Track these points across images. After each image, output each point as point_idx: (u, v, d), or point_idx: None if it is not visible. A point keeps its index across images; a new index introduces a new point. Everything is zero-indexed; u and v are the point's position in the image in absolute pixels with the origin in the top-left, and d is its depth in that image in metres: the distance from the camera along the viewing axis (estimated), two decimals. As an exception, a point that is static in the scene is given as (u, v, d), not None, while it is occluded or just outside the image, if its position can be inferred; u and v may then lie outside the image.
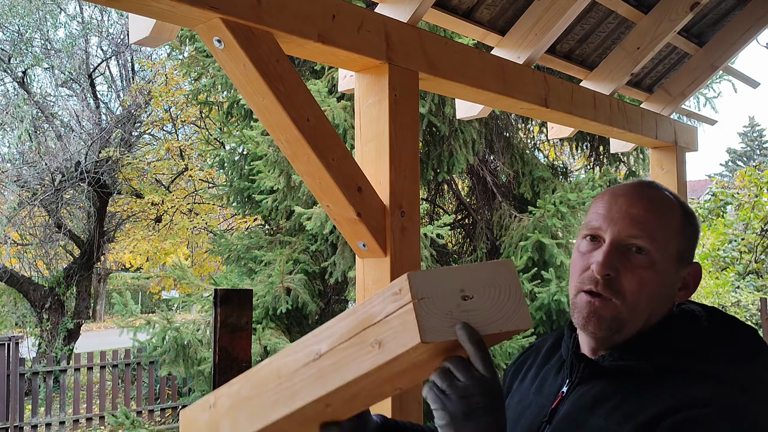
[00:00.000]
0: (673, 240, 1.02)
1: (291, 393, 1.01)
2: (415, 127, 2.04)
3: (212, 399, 1.14)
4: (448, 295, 0.90)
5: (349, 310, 0.98)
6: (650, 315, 1.01)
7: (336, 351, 0.97)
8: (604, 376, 1.00)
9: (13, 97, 11.73)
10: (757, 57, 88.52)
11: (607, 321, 1.00)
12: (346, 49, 1.84)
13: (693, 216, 1.07)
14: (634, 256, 1.00)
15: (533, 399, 1.10)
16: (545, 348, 1.19)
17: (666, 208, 1.03)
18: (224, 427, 1.10)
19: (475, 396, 0.91)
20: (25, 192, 11.76)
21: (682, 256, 1.03)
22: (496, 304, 0.92)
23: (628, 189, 1.05)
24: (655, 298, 1.01)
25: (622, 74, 3.17)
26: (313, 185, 1.84)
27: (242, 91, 1.69)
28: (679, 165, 3.69)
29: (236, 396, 1.09)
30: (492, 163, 6.82)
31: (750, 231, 9.92)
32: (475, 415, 0.90)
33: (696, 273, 1.05)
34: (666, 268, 1.01)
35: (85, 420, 8.97)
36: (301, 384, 1.00)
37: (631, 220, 1.01)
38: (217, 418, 1.12)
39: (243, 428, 1.07)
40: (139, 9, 1.54)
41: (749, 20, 3.55)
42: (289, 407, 1.01)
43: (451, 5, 2.43)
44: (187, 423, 1.19)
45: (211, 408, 1.14)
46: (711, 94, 8.18)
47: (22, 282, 11.86)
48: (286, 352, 1.04)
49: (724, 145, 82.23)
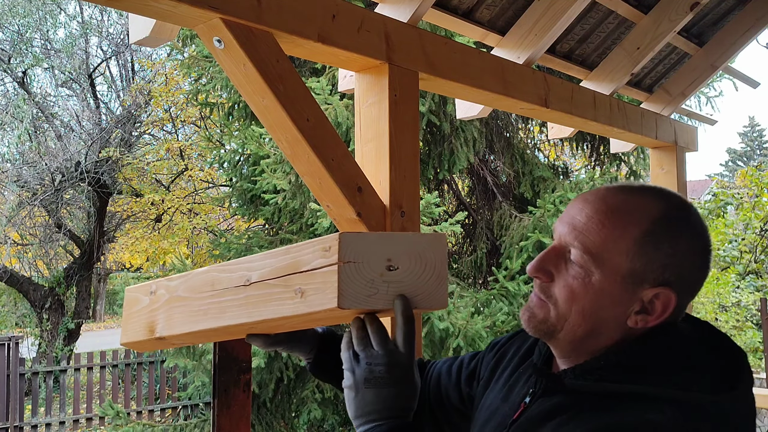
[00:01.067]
0: (622, 256, 0.88)
1: (220, 309, 1.05)
2: (415, 127, 2.04)
3: (154, 286, 1.19)
4: (375, 263, 0.91)
5: (284, 249, 0.98)
6: (594, 332, 0.91)
7: (264, 284, 0.99)
8: (564, 391, 0.94)
9: (13, 97, 11.73)
10: (757, 57, 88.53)
11: (536, 320, 0.95)
12: (346, 49, 1.84)
13: (672, 234, 0.89)
14: (570, 265, 0.92)
15: (499, 406, 1.06)
16: (525, 347, 1.13)
17: (622, 219, 0.90)
18: (160, 318, 1.15)
19: (380, 366, 0.93)
20: (25, 192, 11.76)
21: (637, 276, 0.89)
22: (419, 279, 0.93)
23: (594, 192, 0.95)
24: (591, 315, 0.90)
25: (622, 74, 3.17)
26: (313, 185, 1.84)
27: (242, 91, 1.69)
28: (679, 165, 3.69)
29: (173, 293, 1.14)
30: (492, 162, 6.82)
31: (750, 231, 9.92)
32: (376, 382, 0.93)
33: (666, 300, 0.89)
34: (607, 285, 0.89)
35: (85, 420, 8.97)
36: (228, 304, 1.03)
37: (573, 227, 0.92)
38: (155, 307, 1.17)
39: (175, 327, 1.12)
40: (139, 9, 1.54)
41: (749, 20, 3.55)
42: (216, 322, 1.05)
43: (451, 5, 2.43)
44: (129, 300, 1.24)
45: (151, 294, 1.19)
46: (712, 93, 8.19)
47: (22, 282, 11.87)
48: (223, 268, 1.07)
49: (724, 145, 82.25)
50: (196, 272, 1.12)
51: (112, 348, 10.77)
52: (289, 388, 5.61)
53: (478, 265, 6.47)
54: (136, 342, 1.22)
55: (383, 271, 0.91)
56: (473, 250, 6.58)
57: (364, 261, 0.90)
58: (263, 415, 5.66)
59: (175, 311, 1.13)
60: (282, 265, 0.97)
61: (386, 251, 0.91)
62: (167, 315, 1.14)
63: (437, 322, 4.77)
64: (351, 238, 0.89)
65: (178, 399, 9.22)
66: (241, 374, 1.31)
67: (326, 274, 0.90)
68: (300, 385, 5.59)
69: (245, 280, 1.02)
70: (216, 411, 1.29)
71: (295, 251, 0.96)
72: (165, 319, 1.14)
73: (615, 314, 0.91)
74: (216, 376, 1.28)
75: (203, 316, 1.07)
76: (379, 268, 0.90)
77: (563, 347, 0.96)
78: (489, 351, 1.22)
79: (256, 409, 5.60)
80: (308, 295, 0.92)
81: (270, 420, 5.70)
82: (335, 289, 0.88)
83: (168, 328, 1.14)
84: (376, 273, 0.90)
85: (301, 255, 0.95)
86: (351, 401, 0.95)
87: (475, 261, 6.46)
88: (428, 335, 4.85)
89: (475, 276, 6.64)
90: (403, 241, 0.92)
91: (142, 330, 1.19)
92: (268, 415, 5.68)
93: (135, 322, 1.22)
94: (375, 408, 0.93)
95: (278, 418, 5.77)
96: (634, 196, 0.92)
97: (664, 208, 0.91)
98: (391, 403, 0.93)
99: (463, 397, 1.24)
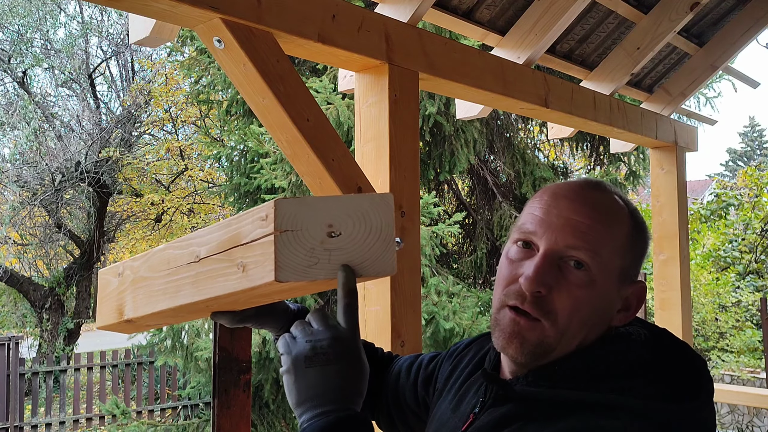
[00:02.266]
0: (618, 256, 0.86)
1: (175, 288, 1.01)
2: (415, 127, 2.04)
3: (121, 268, 1.16)
4: (315, 230, 0.84)
5: (227, 221, 0.94)
6: (584, 339, 0.87)
7: (210, 260, 0.95)
8: (515, 399, 0.87)
9: (14, 98, 11.74)
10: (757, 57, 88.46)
11: (531, 345, 0.85)
12: (346, 49, 1.84)
13: (643, 229, 0.90)
14: (572, 271, 0.84)
15: (449, 417, 1.00)
16: (480, 355, 1.06)
17: (614, 217, 0.88)
18: (128, 299, 1.12)
19: (322, 341, 0.83)
20: (26, 192, 11.76)
21: (626, 274, 0.87)
22: (363, 245, 0.86)
23: (573, 190, 0.89)
24: (589, 322, 0.86)
25: (622, 74, 3.17)
26: (313, 185, 1.84)
27: (242, 91, 1.69)
28: (679, 165, 3.69)
29: (137, 273, 1.11)
30: (492, 163, 6.82)
31: (750, 231, 9.92)
32: (319, 360, 0.82)
33: (640, 293, 0.89)
34: (606, 287, 0.85)
35: (85, 420, 8.97)
36: (182, 282, 0.99)
37: (573, 228, 0.85)
38: (123, 288, 1.14)
39: (140, 308, 1.09)
40: (139, 9, 1.54)
41: (749, 20, 3.55)
42: (173, 301, 1.01)
43: (451, 5, 2.43)
44: (102, 284, 1.22)
45: (119, 276, 1.16)
46: (711, 93, 8.19)
47: (22, 282, 11.87)
48: (177, 244, 1.03)
49: (724, 145, 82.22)
50: (156, 250, 1.08)
51: (112, 348, 10.78)
52: (289, 389, 5.60)
53: (478, 265, 6.47)
54: (109, 325, 1.19)
55: (324, 238, 0.84)
56: (473, 250, 6.59)
57: (303, 228, 0.84)
58: (265, 415, 5.67)
59: (139, 292, 1.09)
60: (225, 238, 0.92)
61: (327, 216, 0.85)
62: (133, 296, 1.10)
63: (443, 322, 4.78)
64: (287, 204, 0.83)
65: (178, 398, 9.22)
66: (241, 374, 1.31)
67: (264, 245, 0.84)
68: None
69: (195, 256, 0.97)
70: (216, 411, 1.29)
71: (236, 222, 0.91)
72: (131, 301, 1.11)
73: (606, 317, 0.87)
74: (216, 377, 1.28)
75: (162, 296, 1.03)
76: (319, 235, 0.84)
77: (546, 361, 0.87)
78: (448, 357, 1.15)
79: (258, 409, 5.61)
80: (249, 269, 0.86)
81: (272, 420, 5.70)
82: (272, 261, 0.82)
83: (134, 309, 1.10)
84: (316, 241, 0.84)
85: (241, 226, 0.89)
86: (291, 387, 0.83)
87: (475, 261, 6.47)
88: (433, 335, 4.85)
89: (476, 276, 6.65)
90: (346, 204, 0.86)
91: (113, 312, 1.16)
92: (270, 415, 5.69)
93: (107, 305, 1.18)
94: (318, 392, 0.82)
95: (279, 418, 5.77)
96: (604, 193, 0.90)
97: (625, 202, 0.91)
98: (337, 383, 0.82)
99: (419, 401, 1.17)
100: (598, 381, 0.82)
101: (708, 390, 0.84)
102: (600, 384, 0.82)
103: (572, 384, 0.83)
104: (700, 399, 0.82)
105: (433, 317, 4.81)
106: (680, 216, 3.65)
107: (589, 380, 0.83)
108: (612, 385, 0.81)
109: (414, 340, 1.96)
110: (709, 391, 0.84)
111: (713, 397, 0.86)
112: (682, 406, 0.79)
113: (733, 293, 8.91)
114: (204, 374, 5.34)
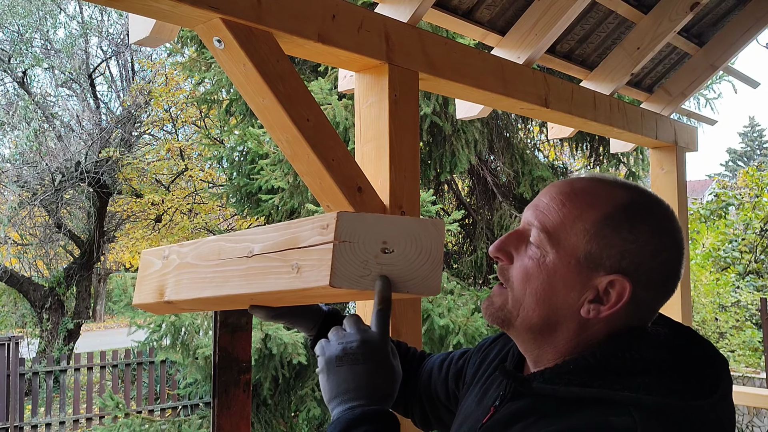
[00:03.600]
0: (578, 237, 0.85)
1: (223, 278, 1.07)
2: (415, 127, 2.04)
3: (167, 251, 1.23)
4: (370, 244, 0.91)
5: (286, 224, 1.00)
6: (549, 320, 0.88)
7: (264, 257, 1.00)
8: (531, 395, 0.89)
9: (14, 98, 11.74)
10: (757, 57, 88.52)
11: (494, 308, 0.93)
12: (346, 49, 1.84)
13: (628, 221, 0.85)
14: (528, 245, 0.90)
15: (474, 410, 1.04)
16: (505, 350, 1.10)
17: (584, 200, 0.87)
18: (170, 282, 1.19)
19: (352, 343, 0.90)
20: (25, 192, 11.76)
21: (593, 260, 0.85)
22: (413, 263, 0.92)
23: (568, 178, 0.94)
24: (544, 300, 0.87)
25: (622, 74, 3.17)
26: (313, 185, 1.84)
27: (242, 91, 1.69)
28: (679, 165, 3.69)
29: (183, 259, 1.17)
30: (492, 163, 6.82)
31: (750, 231, 9.92)
32: (349, 359, 0.89)
33: (620, 290, 0.85)
34: (560, 268, 0.86)
35: (85, 420, 8.97)
36: (231, 274, 1.06)
37: (535, 207, 0.91)
38: (166, 271, 1.21)
39: (183, 292, 1.15)
40: (139, 9, 1.54)
41: (749, 20, 3.55)
42: (220, 290, 1.07)
43: (451, 5, 2.43)
44: (145, 263, 1.29)
45: (164, 258, 1.23)
46: (711, 95, 8.19)
47: (22, 282, 11.87)
48: (231, 238, 1.09)
49: (724, 145, 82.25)
50: (206, 240, 1.15)
51: (112, 348, 10.78)
52: (288, 387, 5.61)
53: (478, 264, 6.47)
54: (146, 304, 1.27)
55: (378, 252, 0.91)
56: (473, 250, 6.59)
57: (359, 241, 0.90)
58: (263, 413, 5.66)
59: (184, 277, 1.16)
60: (282, 239, 0.98)
61: (383, 233, 0.91)
62: (176, 280, 1.17)
63: (437, 319, 4.78)
64: (348, 217, 0.90)
65: (178, 398, 9.22)
66: (241, 374, 1.31)
67: (322, 252, 0.90)
68: (299, 384, 5.59)
69: (248, 252, 1.04)
70: (216, 411, 1.28)
71: (295, 227, 0.97)
72: (174, 284, 1.18)
73: (568, 301, 0.87)
74: (216, 377, 1.28)
75: (209, 284, 1.10)
76: (374, 250, 0.91)
77: (524, 340, 0.93)
78: (476, 352, 1.20)
79: (256, 407, 5.61)
80: (304, 270, 0.93)
81: (269, 419, 5.70)
82: (329, 267, 0.88)
83: (176, 292, 1.17)
84: (370, 254, 0.90)
85: (300, 231, 0.96)
86: (324, 384, 0.91)
87: (475, 261, 6.47)
88: (428, 332, 4.86)
89: (476, 276, 6.64)
90: (401, 224, 0.92)
91: (152, 292, 1.23)
92: (268, 413, 5.69)
93: (147, 285, 1.26)
94: (349, 387, 0.89)
95: (278, 416, 5.77)
96: (603, 183, 0.90)
97: (632, 197, 0.87)
98: (366, 381, 0.89)
99: (450, 395, 1.22)
100: (612, 378, 0.83)
101: (725, 388, 0.83)
102: (614, 381, 0.82)
103: (587, 381, 0.84)
104: (716, 397, 0.81)
105: (429, 314, 4.81)
106: (680, 216, 3.65)
107: (604, 377, 0.83)
108: (625, 382, 0.81)
109: (414, 339, 1.96)
110: (726, 389, 0.83)
111: (731, 396, 0.85)
112: (694, 404, 0.79)
113: (733, 293, 8.91)
114: (202, 371, 5.33)
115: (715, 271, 9.53)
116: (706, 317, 8.55)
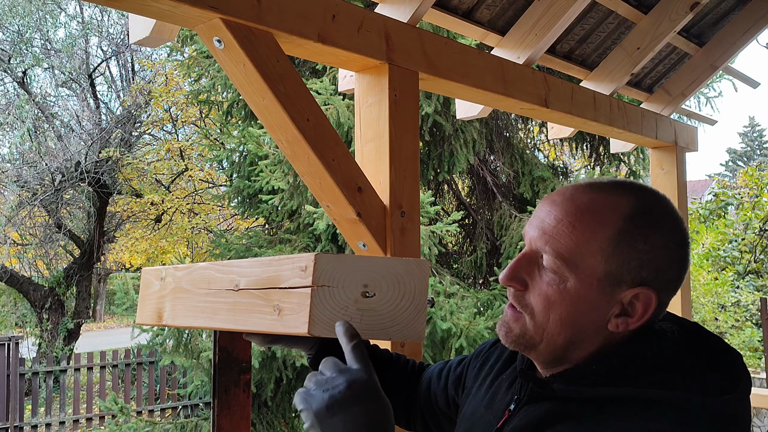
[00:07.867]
0: (596, 258, 0.84)
1: (213, 309, 1.05)
2: (415, 127, 2.04)
3: (164, 273, 1.22)
4: (350, 288, 0.87)
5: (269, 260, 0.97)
6: (574, 339, 0.87)
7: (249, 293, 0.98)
8: (552, 398, 0.88)
9: (13, 97, 11.73)
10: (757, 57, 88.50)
11: (514, 335, 0.90)
12: (346, 49, 1.84)
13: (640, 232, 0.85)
14: (543, 270, 0.87)
15: (483, 414, 1.01)
16: (507, 353, 1.09)
17: (594, 218, 0.85)
18: (167, 306, 1.18)
19: (338, 387, 0.82)
20: (25, 192, 11.76)
21: (615, 278, 0.85)
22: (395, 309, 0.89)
23: (562, 192, 0.90)
24: (570, 323, 0.86)
25: (622, 74, 3.17)
26: (313, 185, 1.84)
27: (242, 91, 1.69)
28: (679, 165, 3.69)
29: (178, 283, 1.16)
30: (492, 163, 6.82)
31: (750, 231, 9.92)
32: (340, 406, 0.80)
33: (646, 301, 0.85)
34: (583, 291, 0.85)
35: (85, 420, 8.97)
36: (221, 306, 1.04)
37: (543, 230, 0.87)
38: (163, 294, 1.20)
39: (179, 318, 1.14)
40: (139, 9, 1.54)
41: (749, 20, 3.55)
42: (211, 322, 1.06)
43: (451, 5, 2.43)
44: (145, 282, 1.29)
45: (161, 280, 1.22)
46: (712, 93, 8.19)
47: (22, 282, 11.87)
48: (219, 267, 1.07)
49: (724, 145, 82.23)
50: (198, 266, 1.13)
51: (112, 348, 10.78)
52: (290, 388, 5.61)
53: (478, 265, 6.47)
54: (147, 323, 1.28)
55: (358, 297, 0.87)
56: (473, 250, 6.59)
57: (339, 285, 0.86)
58: (264, 414, 5.66)
59: (178, 302, 1.15)
60: (265, 276, 0.95)
61: (364, 276, 0.87)
62: (172, 304, 1.17)
63: (440, 323, 4.77)
64: (327, 260, 0.85)
65: (178, 398, 9.22)
66: (241, 374, 1.31)
67: (301, 296, 0.87)
68: (300, 384, 5.59)
69: (234, 285, 1.01)
70: (216, 411, 1.28)
71: (276, 264, 0.94)
72: (170, 308, 1.17)
73: (595, 320, 0.86)
74: (216, 377, 1.28)
75: (201, 313, 1.08)
76: (354, 294, 0.87)
77: (545, 358, 0.91)
78: (475, 357, 1.19)
79: (257, 408, 5.61)
80: (284, 314, 0.90)
81: (271, 419, 5.70)
82: (307, 314, 0.85)
83: (172, 317, 1.16)
84: (350, 299, 0.87)
85: (281, 270, 0.92)
86: None
87: (475, 261, 6.47)
88: (430, 335, 4.85)
89: (476, 276, 6.64)
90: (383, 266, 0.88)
91: (152, 314, 1.24)
92: (269, 414, 5.69)
93: (147, 305, 1.27)
94: None
95: (279, 417, 5.77)
96: (603, 193, 0.88)
97: (636, 203, 0.86)
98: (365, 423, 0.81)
99: (450, 403, 1.21)
100: (636, 377, 0.83)
101: (746, 382, 0.84)
102: (638, 379, 0.82)
103: (611, 381, 0.84)
104: (739, 391, 0.82)
105: (431, 317, 4.81)
106: (680, 216, 3.64)
107: (628, 376, 0.83)
108: (651, 380, 0.82)
109: (414, 342, 1.96)
110: (747, 383, 0.84)
111: (750, 390, 0.86)
112: (726, 399, 0.80)
113: (733, 293, 8.91)
114: (207, 373, 5.34)
115: (714, 270, 9.53)
116: (706, 317, 8.55)
